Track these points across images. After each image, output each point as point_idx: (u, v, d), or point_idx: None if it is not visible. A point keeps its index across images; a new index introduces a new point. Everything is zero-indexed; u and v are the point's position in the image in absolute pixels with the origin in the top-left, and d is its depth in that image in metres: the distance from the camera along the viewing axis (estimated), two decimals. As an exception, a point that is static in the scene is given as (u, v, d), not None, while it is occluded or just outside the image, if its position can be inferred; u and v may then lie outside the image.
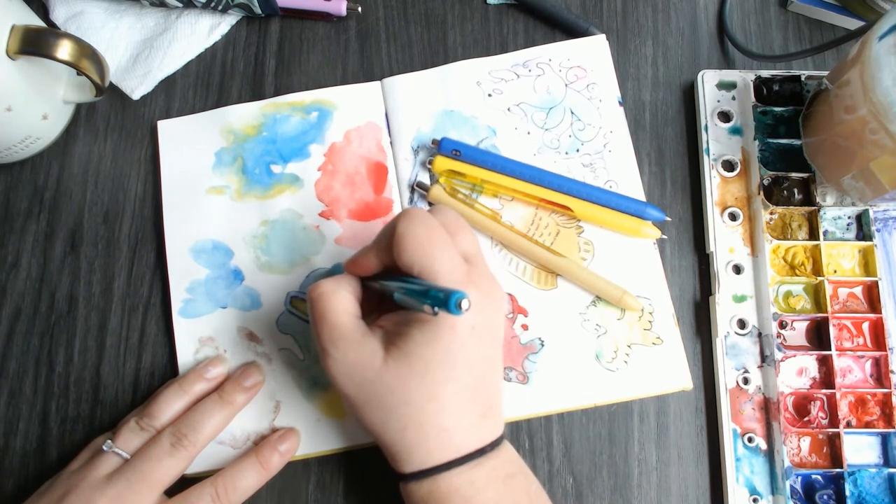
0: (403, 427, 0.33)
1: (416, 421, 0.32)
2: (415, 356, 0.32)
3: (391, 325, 0.34)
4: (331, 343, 0.33)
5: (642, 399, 0.42)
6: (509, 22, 0.48)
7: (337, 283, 0.34)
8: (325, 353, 0.33)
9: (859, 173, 0.39)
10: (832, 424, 0.40)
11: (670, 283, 0.43)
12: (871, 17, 0.46)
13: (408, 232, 0.32)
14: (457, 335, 0.32)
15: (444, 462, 0.33)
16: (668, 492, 0.41)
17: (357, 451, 0.41)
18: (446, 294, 0.28)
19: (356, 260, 0.35)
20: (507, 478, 0.34)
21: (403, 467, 0.33)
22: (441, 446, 0.33)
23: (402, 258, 0.32)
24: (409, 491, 0.33)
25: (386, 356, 0.32)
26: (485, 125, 0.45)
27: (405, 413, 0.32)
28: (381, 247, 0.34)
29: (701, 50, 0.48)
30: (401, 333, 0.33)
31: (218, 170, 0.45)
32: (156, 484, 0.36)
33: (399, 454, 0.33)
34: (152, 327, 0.43)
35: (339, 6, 0.48)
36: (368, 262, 0.35)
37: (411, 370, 0.32)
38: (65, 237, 0.45)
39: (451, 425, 0.33)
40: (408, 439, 0.33)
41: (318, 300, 0.34)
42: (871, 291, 0.42)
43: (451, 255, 0.32)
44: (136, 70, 0.47)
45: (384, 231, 0.34)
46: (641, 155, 0.46)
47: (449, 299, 0.27)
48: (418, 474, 0.33)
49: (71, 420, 0.42)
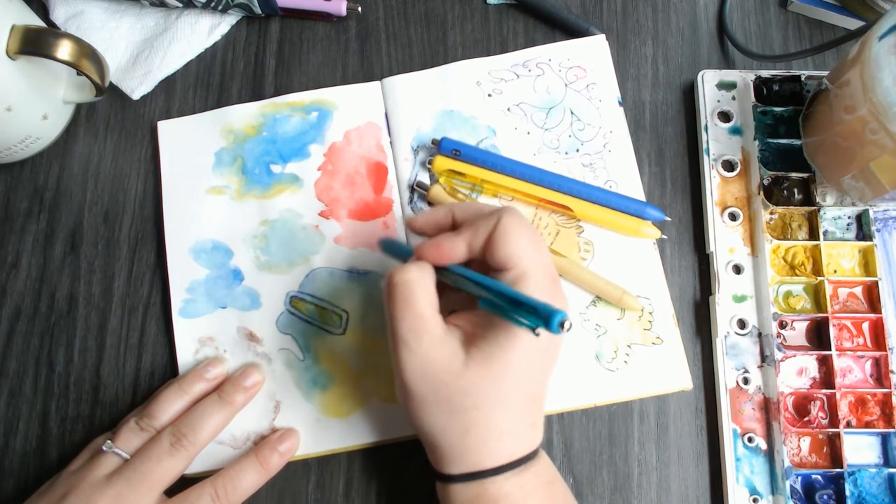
0: (466, 430, 0.32)
1: (480, 425, 0.32)
2: (496, 359, 0.31)
3: (469, 326, 0.33)
4: (413, 334, 0.32)
5: (642, 399, 0.42)
6: (509, 22, 0.48)
7: (422, 272, 0.33)
8: (404, 344, 0.32)
9: (859, 173, 0.39)
10: (832, 424, 0.40)
11: (670, 283, 0.43)
12: (871, 17, 0.46)
13: (514, 227, 0.32)
14: (538, 345, 0.32)
15: (495, 466, 0.32)
16: (668, 492, 0.41)
17: (357, 451, 0.41)
18: (549, 312, 0.27)
19: (440, 244, 0.33)
20: (549, 484, 0.34)
21: (451, 468, 0.33)
22: (499, 450, 0.32)
23: (500, 252, 0.32)
24: (453, 492, 0.33)
25: (466, 358, 0.32)
26: (485, 125, 0.45)
27: (472, 417, 0.32)
28: (476, 236, 0.33)
29: (701, 50, 0.48)
30: (483, 336, 0.32)
31: (218, 170, 0.45)
32: (156, 484, 0.36)
33: (451, 456, 0.33)
34: (152, 327, 0.43)
35: (339, 6, 0.48)
36: (455, 250, 0.33)
37: (489, 373, 0.31)
38: (65, 237, 0.45)
39: (511, 431, 0.33)
40: (468, 442, 0.32)
41: (405, 287, 0.32)
42: (871, 291, 0.42)
43: (547, 262, 0.32)
44: (136, 70, 0.47)
45: (481, 222, 0.33)
46: (641, 155, 0.46)
47: (552, 318, 0.26)
48: (467, 476, 0.32)
49: (71, 420, 0.42)
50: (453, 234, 0.34)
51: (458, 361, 0.32)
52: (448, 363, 0.32)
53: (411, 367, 0.32)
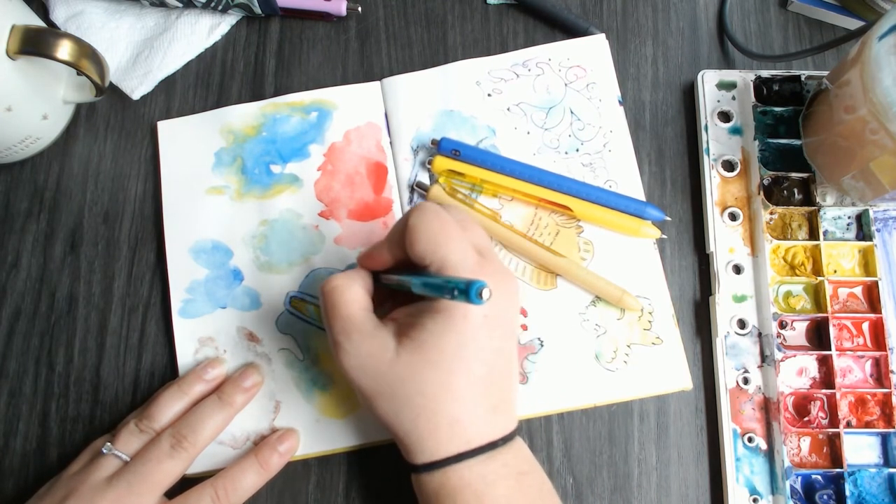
0: (415, 417, 0.33)
1: (428, 411, 0.32)
2: (428, 345, 0.32)
3: (403, 317, 0.34)
4: (343, 335, 0.33)
5: (642, 399, 0.42)
6: (509, 22, 0.48)
7: (349, 277, 0.35)
8: (338, 346, 0.33)
9: (859, 173, 0.39)
10: (832, 424, 0.40)
11: (670, 283, 0.43)
12: (871, 17, 0.46)
13: (420, 223, 0.33)
14: (469, 324, 0.32)
15: (455, 454, 0.32)
16: (668, 492, 0.41)
17: (357, 451, 0.41)
18: (467, 283, 0.27)
19: (369, 253, 0.36)
20: (519, 475, 0.34)
21: (415, 458, 0.33)
22: (452, 437, 0.32)
23: (414, 249, 0.32)
24: (421, 483, 0.33)
25: (399, 347, 0.33)
26: (484, 125, 0.45)
27: (417, 403, 0.32)
28: (393, 240, 0.34)
29: (701, 50, 0.48)
30: (413, 324, 0.33)
31: (218, 170, 0.45)
32: (156, 486, 0.36)
33: (411, 445, 0.33)
34: (152, 327, 0.43)
35: (339, 6, 0.48)
36: (381, 256, 0.35)
37: (424, 360, 0.32)
38: (65, 237, 0.45)
39: (464, 417, 0.33)
40: (419, 430, 0.33)
41: (331, 293, 0.34)
42: (871, 291, 0.42)
43: (464, 246, 0.33)
44: (136, 70, 0.47)
45: (396, 225, 0.34)
46: (641, 155, 0.46)
47: (470, 288, 0.27)
48: (430, 465, 0.33)
49: (71, 420, 0.42)
50: (379, 242, 0.36)
51: (390, 350, 0.33)
52: (381, 353, 0.33)
53: (349, 365, 0.33)
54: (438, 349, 0.32)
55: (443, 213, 0.33)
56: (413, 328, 0.33)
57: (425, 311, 0.33)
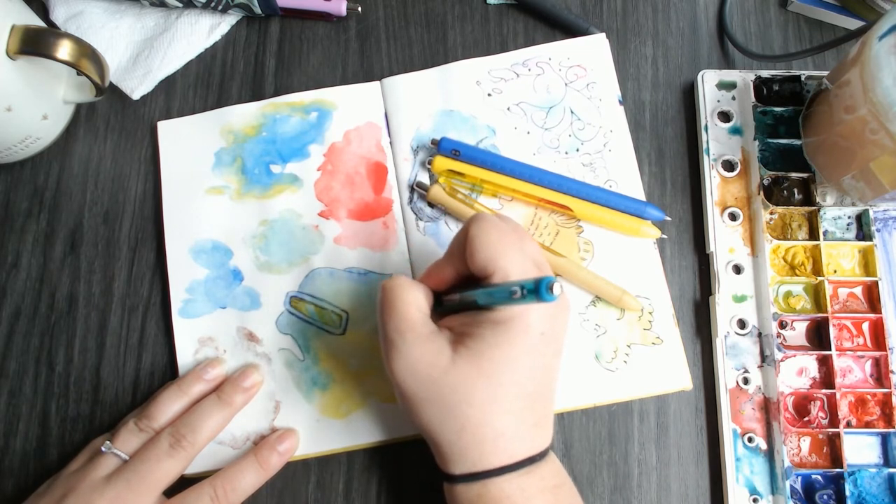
0: (461, 428, 0.32)
1: (476, 422, 0.32)
2: (485, 357, 0.32)
3: (459, 326, 0.34)
4: (398, 334, 0.33)
5: (642, 399, 0.42)
6: (509, 22, 0.48)
7: (412, 282, 0.34)
8: (391, 345, 0.33)
9: (859, 173, 0.39)
10: (832, 424, 0.40)
11: (670, 283, 0.43)
12: (871, 17, 0.46)
13: (480, 234, 0.32)
14: (528, 339, 0.32)
15: (497, 467, 0.32)
16: (668, 492, 0.41)
17: (357, 451, 0.41)
18: (536, 280, 0.27)
19: (429, 271, 0.36)
20: (555, 488, 0.34)
21: (453, 468, 0.33)
22: (496, 450, 0.32)
23: (475, 260, 0.32)
24: (457, 492, 0.33)
25: (454, 355, 0.32)
26: (484, 125, 0.45)
27: (466, 414, 0.32)
28: (454, 252, 0.34)
29: (701, 50, 0.48)
30: (470, 334, 0.32)
31: (217, 170, 0.45)
32: (155, 485, 0.36)
33: (451, 455, 0.33)
34: (152, 327, 0.43)
35: (339, 6, 0.48)
36: (442, 273, 0.35)
37: (479, 370, 0.32)
38: (65, 237, 0.45)
39: (509, 431, 0.32)
40: (464, 441, 0.32)
41: (391, 290, 0.33)
42: (871, 291, 0.42)
43: (523, 257, 0.32)
44: (136, 70, 0.47)
45: (456, 239, 0.34)
46: (641, 155, 0.46)
47: (540, 284, 0.27)
48: (469, 476, 0.32)
49: (71, 420, 0.42)
50: (439, 260, 0.35)
51: (444, 358, 0.32)
52: (434, 359, 0.32)
53: (399, 366, 0.33)
54: (494, 361, 0.32)
55: (501, 223, 0.33)
56: (470, 337, 0.32)
57: (484, 322, 0.32)
